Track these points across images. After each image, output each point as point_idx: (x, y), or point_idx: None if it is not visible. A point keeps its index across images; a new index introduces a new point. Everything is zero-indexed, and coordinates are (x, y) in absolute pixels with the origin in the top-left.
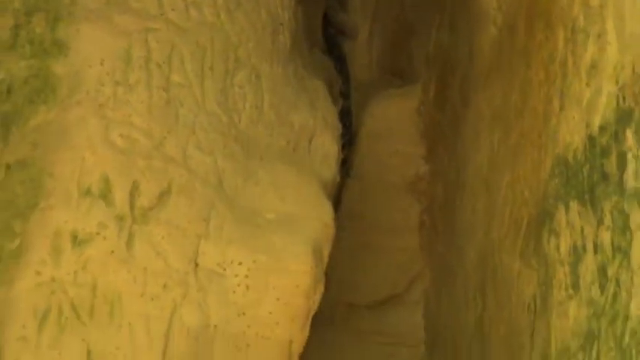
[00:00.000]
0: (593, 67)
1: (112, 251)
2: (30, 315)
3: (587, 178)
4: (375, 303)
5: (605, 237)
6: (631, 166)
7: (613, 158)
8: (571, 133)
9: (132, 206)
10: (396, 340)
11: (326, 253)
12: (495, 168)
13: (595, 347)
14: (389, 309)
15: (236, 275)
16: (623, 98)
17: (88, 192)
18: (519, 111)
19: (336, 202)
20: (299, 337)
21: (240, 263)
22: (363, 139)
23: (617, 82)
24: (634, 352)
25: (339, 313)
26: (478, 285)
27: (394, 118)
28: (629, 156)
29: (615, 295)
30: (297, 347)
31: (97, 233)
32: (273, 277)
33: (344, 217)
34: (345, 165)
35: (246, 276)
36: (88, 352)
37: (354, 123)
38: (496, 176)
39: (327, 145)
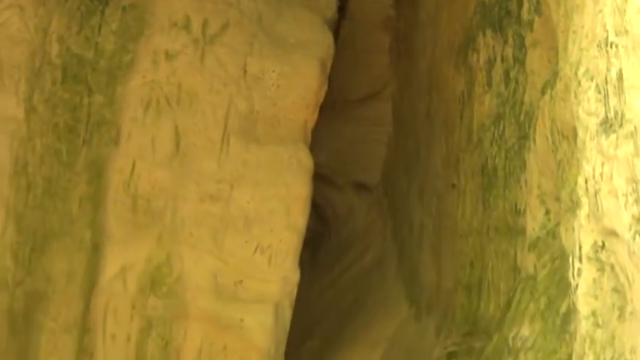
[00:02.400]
0: None
1: (191, 62)
2: (139, 103)
3: (497, 14)
4: (362, 98)
5: (509, 52)
6: (525, 6)
7: (514, 0)
8: None
9: (204, 34)
10: (375, 122)
11: (328, 65)
12: (438, 10)
13: (502, 123)
14: (370, 102)
15: (270, 79)
16: None
17: (175, 24)
18: None
19: (336, 34)
20: (311, 118)
21: (273, 71)
22: None
23: None
24: (527, 125)
25: (337, 105)
26: (426, 86)
27: None
28: None
29: (515, 90)
30: (310, 125)
31: (181, 51)
32: (294, 80)
33: (341, 44)
34: (343, 10)
35: (277, 79)
36: (175, 127)
37: None
38: (439, 16)
39: None
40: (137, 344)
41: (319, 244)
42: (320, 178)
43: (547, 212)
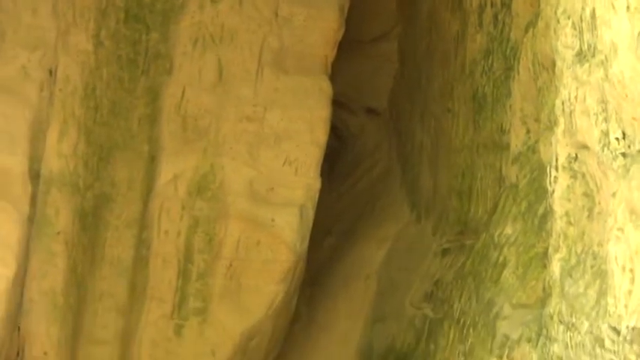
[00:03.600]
0: None
1: (232, 6)
2: (188, 40)
3: None
4: (372, 38)
5: None
6: None
7: None
8: None
9: None
10: (384, 58)
11: (346, 9)
12: None
13: (490, 57)
14: (380, 42)
15: (298, 20)
16: None
17: None
18: None
19: None
20: (331, 54)
21: (300, 14)
22: None
23: None
24: (512, 58)
25: (352, 44)
26: (427, 27)
27: None
28: None
29: (502, 30)
30: (330, 59)
31: None
32: (318, 22)
33: None
34: None
35: (304, 21)
36: (218, 60)
37: None
38: None
39: None
40: (186, 239)
41: (337, 159)
42: (337, 104)
43: (528, 131)
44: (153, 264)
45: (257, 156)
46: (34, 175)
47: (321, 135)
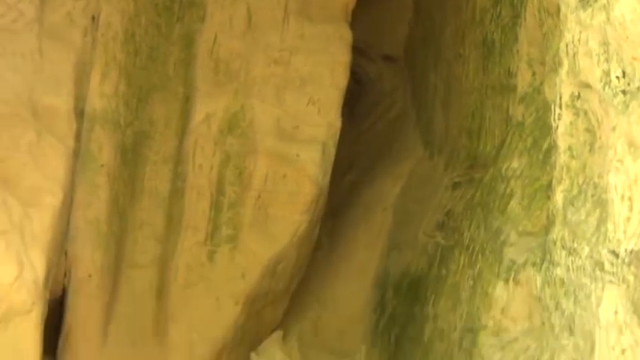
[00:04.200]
0: None
1: None
2: None
3: None
4: None
5: None
6: None
7: None
8: None
9: None
10: (399, 8)
11: None
12: None
13: (499, 5)
14: None
15: None
16: None
17: None
18: None
19: None
20: (351, 3)
21: None
22: None
23: None
24: (519, 6)
25: None
26: None
27: None
28: None
29: None
30: (350, 7)
31: None
32: None
33: None
34: None
35: None
36: (248, 8)
37: None
38: None
39: None
40: (218, 172)
41: (356, 102)
42: (357, 51)
43: (534, 74)
44: (188, 196)
45: (283, 97)
46: (79, 114)
47: (342, 79)
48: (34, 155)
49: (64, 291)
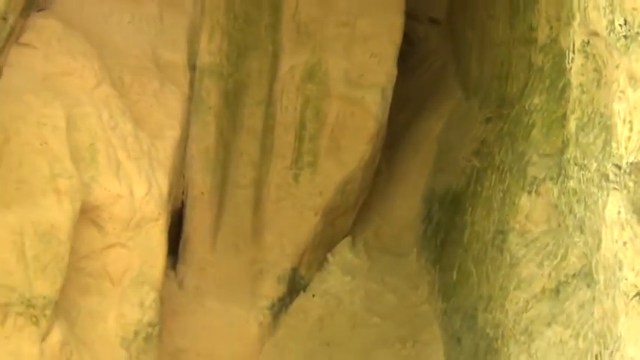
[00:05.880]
0: None
1: None
2: None
3: None
4: None
5: None
6: None
7: None
8: None
9: None
10: None
11: None
12: None
13: None
14: None
15: None
16: None
17: None
18: None
19: None
20: None
21: None
22: None
23: None
24: None
25: None
26: None
27: None
28: None
29: None
30: None
31: None
32: None
33: None
34: None
35: None
36: None
37: None
38: None
39: None
40: (300, 112)
41: (408, 57)
42: (408, 16)
43: (551, 28)
44: (277, 131)
45: (350, 52)
46: (192, 67)
47: (397, 37)
48: (158, 99)
49: (183, 205)
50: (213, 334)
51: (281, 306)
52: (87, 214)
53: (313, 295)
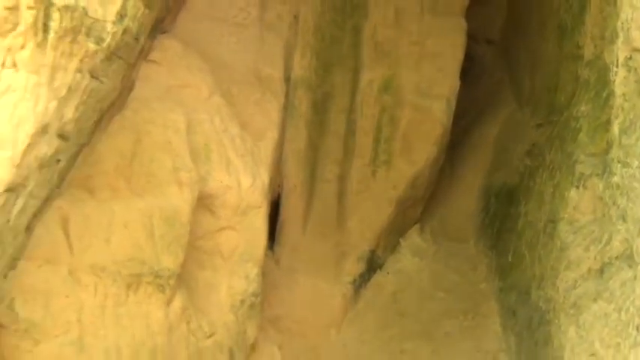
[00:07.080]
0: None
1: None
2: None
3: None
4: None
5: None
6: None
7: None
8: None
9: None
10: (499, 4)
11: None
12: None
13: None
14: None
15: None
16: None
17: None
18: None
19: None
20: (466, 1)
21: None
22: None
23: None
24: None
25: None
26: None
27: None
28: None
29: None
30: (466, 4)
31: None
32: None
33: None
34: None
35: None
36: (396, 7)
37: None
38: None
39: None
40: (377, 119)
41: (468, 72)
42: (468, 36)
43: (595, 46)
44: (358, 134)
45: (420, 67)
46: (286, 80)
47: (459, 54)
48: (259, 107)
49: (279, 196)
50: (304, 305)
51: (361, 282)
52: (203, 202)
53: (388, 273)
